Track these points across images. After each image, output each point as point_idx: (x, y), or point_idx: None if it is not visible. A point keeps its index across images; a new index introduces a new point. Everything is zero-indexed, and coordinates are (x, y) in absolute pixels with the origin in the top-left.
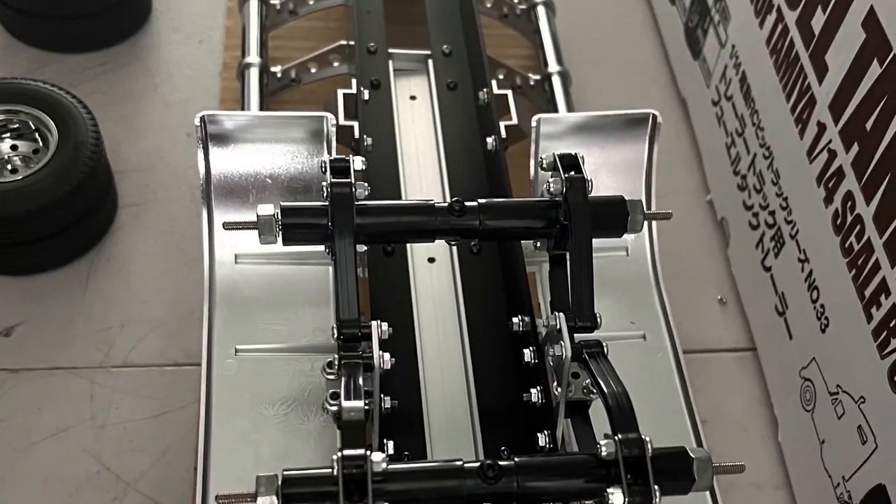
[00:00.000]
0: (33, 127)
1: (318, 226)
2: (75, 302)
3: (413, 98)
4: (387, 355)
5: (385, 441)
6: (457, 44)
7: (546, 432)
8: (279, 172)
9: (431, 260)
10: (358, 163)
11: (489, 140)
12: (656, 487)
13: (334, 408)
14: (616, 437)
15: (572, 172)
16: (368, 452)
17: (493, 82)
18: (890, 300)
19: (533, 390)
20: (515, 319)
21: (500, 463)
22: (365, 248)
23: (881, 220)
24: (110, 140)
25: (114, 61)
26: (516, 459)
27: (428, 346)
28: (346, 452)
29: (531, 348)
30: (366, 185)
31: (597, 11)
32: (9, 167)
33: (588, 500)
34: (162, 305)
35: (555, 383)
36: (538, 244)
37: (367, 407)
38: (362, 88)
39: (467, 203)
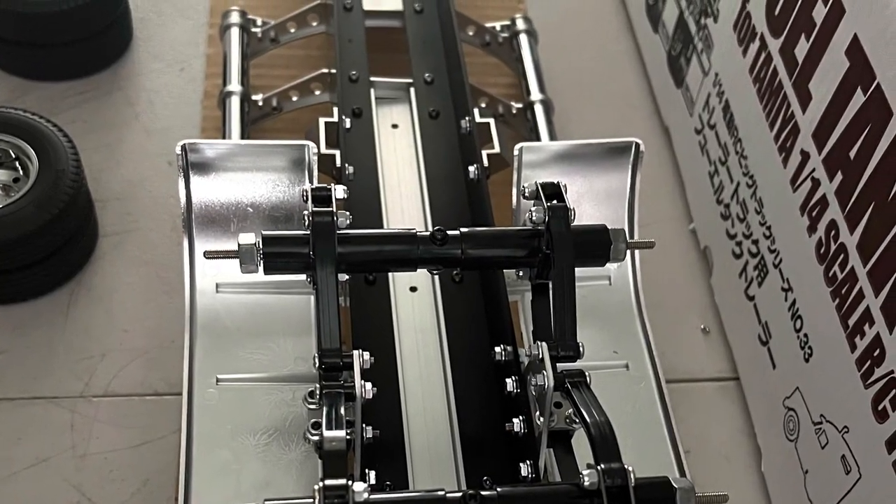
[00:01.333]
0: (13, 156)
1: (299, 255)
2: (56, 331)
3: (395, 126)
4: (368, 385)
5: (367, 471)
6: (439, 72)
7: (528, 462)
8: (260, 201)
9: (413, 289)
10: (339, 191)
11: (471, 168)
12: None
13: (316, 437)
14: (599, 467)
15: (555, 201)
16: (350, 482)
17: (476, 110)
18: (874, 329)
19: (515, 420)
20: (498, 349)
21: (483, 493)
22: (347, 277)
23: (865, 249)
24: (91, 168)
25: (95, 89)
26: (499, 489)
27: (410, 375)
28: (328, 482)
29: (513, 378)
30: (347, 213)
31: (579, 40)
32: None
33: None
34: (143, 335)
35: (537, 413)
36: (521, 273)
37: (348, 437)
38: (344, 117)
39: (449, 232)
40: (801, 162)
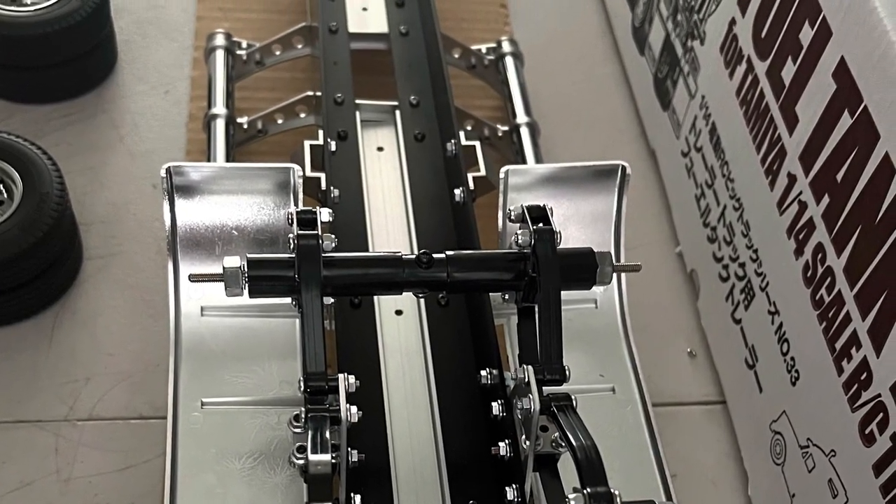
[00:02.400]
0: None
1: (284, 278)
2: (40, 355)
3: (380, 149)
4: (354, 408)
5: (352, 495)
6: (424, 95)
7: (514, 486)
8: (245, 224)
9: (399, 312)
10: (325, 214)
11: (457, 191)
12: None
13: (301, 461)
14: (585, 491)
15: (540, 224)
16: None
17: (461, 133)
18: (861, 353)
19: (501, 444)
20: (483, 372)
21: None
22: (332, 300)
23: (852, 273)
24: (75, 191)
25: (79, 112)
26: None
27: (395, 398)
28: None
29: (499, 401)
30: (333, 236)
31: (566, 62)
32: None
33: None
34: (127, 358)
35: (523, 437)
36: (506, 296)
37: (333, 460)
38: (329, 139)
39: (435, 255)
40: (788, 185)
